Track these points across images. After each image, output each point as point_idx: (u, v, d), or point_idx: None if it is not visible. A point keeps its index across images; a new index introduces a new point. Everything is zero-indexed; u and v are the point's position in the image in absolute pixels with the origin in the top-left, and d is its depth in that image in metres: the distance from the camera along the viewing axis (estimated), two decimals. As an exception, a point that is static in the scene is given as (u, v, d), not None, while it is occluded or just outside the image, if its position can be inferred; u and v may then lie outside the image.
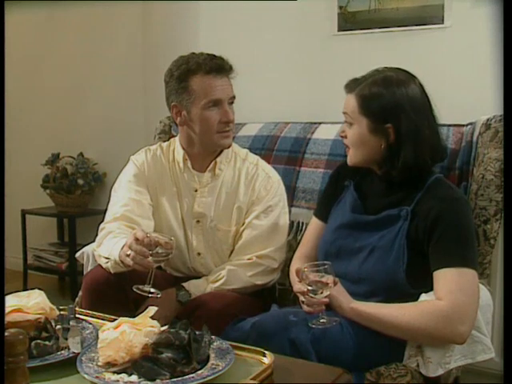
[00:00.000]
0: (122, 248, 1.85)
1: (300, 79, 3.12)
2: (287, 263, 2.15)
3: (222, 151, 2.20)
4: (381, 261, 1.78)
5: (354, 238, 1.88)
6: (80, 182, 3.94)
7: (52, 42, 4.19)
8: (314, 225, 2.12)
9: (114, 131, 3.96)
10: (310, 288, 1.67)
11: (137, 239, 1.76)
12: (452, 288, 1.65)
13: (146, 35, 3.76)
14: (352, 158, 1.91)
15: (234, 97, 2.13)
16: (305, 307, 1.72)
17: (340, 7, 2.93)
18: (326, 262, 1.70)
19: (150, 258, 1.75)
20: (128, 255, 1.79)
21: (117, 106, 3.94)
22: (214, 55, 2.11)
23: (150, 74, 3.68)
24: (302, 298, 1.73)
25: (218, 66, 2.08)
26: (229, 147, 2.19)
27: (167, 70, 2.15)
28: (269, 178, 2.21)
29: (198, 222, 2.19)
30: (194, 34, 3.47)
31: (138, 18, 3.77)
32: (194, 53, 2.14)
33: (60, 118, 4.23)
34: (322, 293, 1.67)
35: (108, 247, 1.97)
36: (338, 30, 2.97)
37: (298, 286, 1.75)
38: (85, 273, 2.30)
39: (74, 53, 4.09)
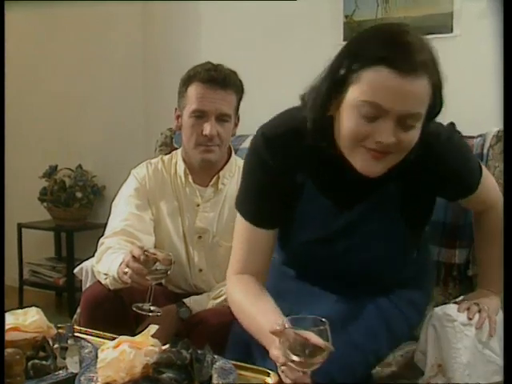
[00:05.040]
0: (120, 265, 1.85)
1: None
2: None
3: (225, 165, 2.21)
4: (382, 249, 1.67)
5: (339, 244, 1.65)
6: (78, 194, 3.94)
7: (49, 50, 4.19)
8: (259, 235, 1.65)
9: (114, 143, 3.97)
10: (294, 357, 1.24)
11: (134, 257, 1.76)
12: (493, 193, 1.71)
13: (147, 42, 3.77)
14: (391, 162, 1.48)
15: (225, 114, 2.10)
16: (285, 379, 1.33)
17: (346, 16, 2.94)
18: (322, 319, 1.29)
19: (149, 276, 1.74)
20: (125, 273, 1.79)
21: (117, 117, 3.96)
22: (216, 67, 2.11)
23: (151, 84, 3.69)
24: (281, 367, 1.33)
25: (214, 78, 2.08)
26: (206, 164, 2.15)
27: None
28: (272, 193, 2.20)
29: (199, 237, 2.19)
30: (195, 39, 3.48)
31: (138, 26, 3.79)
32: (209, 62, 2.15)
33: (58, 128, 4.23)
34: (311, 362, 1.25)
35: (107, 263, 1.97)
36: (344, 40, 2.95)
37: (275, 351, 1.33)
38: (83, 289, 2.29)
39: (72, 61, 4.09)
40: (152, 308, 1.75)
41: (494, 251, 1.68)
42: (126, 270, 1.78)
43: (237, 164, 2.24)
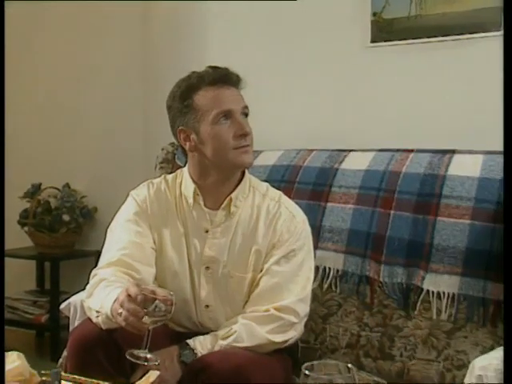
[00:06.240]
0: (114, 302, 1.84)
1: (326, 99, 3.12)
2: (315, 318, 2.11)
3: (237, 185, 2.19)
4: None
5: None
6: (65, 217, 3.93)
7: (42, 52, 4.20)
8: None
9: (107, 158, 3.97)
10: None
11: (129, 296, 1.75)
12: None
13: (147, 44, 3.81)
14: None
15: (246, 107, 2.15)
16: None
17: (374, 14, 2.93)
18: (348, 365, 1.24)
19: (146, 318, 1.74)
20: (120, 314, 1.78)
21: (111, 128, 3.96)
22: (217, 66, 2.15)
23: (150, 92, 3.71)
24: None
25: (223, 76, 2.12)
26: (250, 166, 2.19)
27: (169, 94, 2.20)
28: (293, 218, 2.19)
29: (207, 268, 2.16)
30: (198, 41, 3.51)
31: (138, 30, 3.83)
32: (194, 71, 2.18)
33: (42, 141, 4.22)
34: None
35: (99, 298, 1.95)
36: (372, 42, 2.97)
37: None
38: (71, 328, 2.28)
39: (64, 66, 4.11)
40: (149, 356, 1.75)
41: None
42: (120, 310, 1.77)
43: (251, 184, 2.23)
